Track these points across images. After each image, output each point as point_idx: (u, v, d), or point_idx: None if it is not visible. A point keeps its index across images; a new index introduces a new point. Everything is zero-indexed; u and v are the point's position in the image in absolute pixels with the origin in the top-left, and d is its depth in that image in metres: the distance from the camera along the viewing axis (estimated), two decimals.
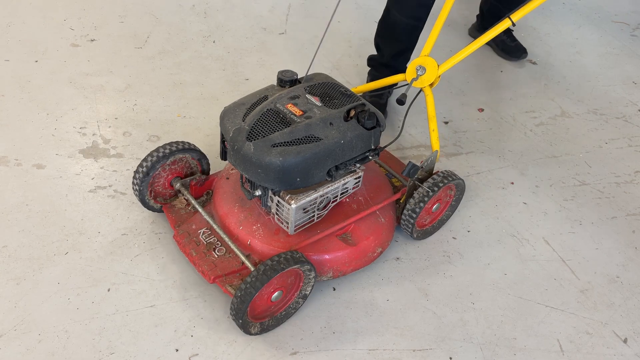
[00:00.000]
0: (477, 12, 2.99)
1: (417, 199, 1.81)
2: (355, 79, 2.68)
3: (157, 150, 1.79)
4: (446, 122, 2.51)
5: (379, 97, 2.40)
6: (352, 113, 1.63)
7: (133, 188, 1.83)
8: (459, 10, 3.22)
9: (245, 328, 1.59)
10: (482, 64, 2.90)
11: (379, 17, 2.40)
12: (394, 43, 2.33)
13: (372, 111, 1.63)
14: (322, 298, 1.77)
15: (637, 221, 2.14)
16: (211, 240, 1.75)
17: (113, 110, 2.37)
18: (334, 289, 1.80)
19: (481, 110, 2.61)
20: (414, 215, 1.82)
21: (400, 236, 1.98)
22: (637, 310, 1.84)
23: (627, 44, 3.17)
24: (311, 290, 1.68)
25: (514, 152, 2.40)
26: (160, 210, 1.90)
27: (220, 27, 2.93)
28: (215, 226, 1.74)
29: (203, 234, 1.77)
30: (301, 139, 1.53)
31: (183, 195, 1.86)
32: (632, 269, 1.97)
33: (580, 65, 2.97)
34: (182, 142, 1.83)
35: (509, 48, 2.91)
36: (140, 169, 1.78)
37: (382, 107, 2.41)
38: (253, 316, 1.61)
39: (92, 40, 2.74)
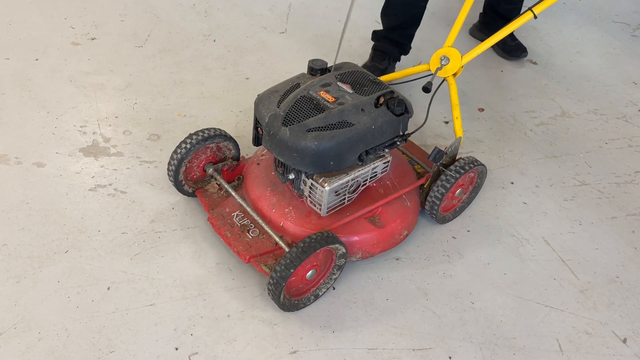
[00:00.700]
0: (479, 11, 3.00)
1: (442, 184, 1.87)
2: None
3: (190, 137, 1.85)
4: (446, 122, 2.51)
5: (379, 63, 2.54)
6: (382, 100, 1.69)
7: (168, 173, 1.89)
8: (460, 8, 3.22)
9: (284, 305, 1.66)
10: (483, 63, 2.89)
11: (379, 17, 2.43)
12: (390, 17, 2.51)
13: (400, 98, 1.69)
14: (322, 297, 1.77)
15: (637, 221, 2.14)
16: (245, 222, 1.82)
17: (113, 108, 2.37)
18: (334, 289, 1.80)
19: (481, 110, 2.61)
20: (439, 198, 1.88)
21: None
22: (636, 310, 1.84)
23: (627, 44, 3.17)
24: (344, 263, 1.73)
25: (514, 152, 2.40)
26: (193, 195, 1.96)
27: (220, 26, 2.93)
28: (248, 209, 1.81)
29: (237, 216, 1.83)
30: (335, 124, 1.59)
31: (216, 179, 1.93)
32: (631, 269, 1.97)
33: (581, 65, 2.97)
34: (215, 128, 1.90)
35: (509, 47, 2.91)
36: (175, 155, 1.84)
37: (382, 73, 2.50)
38: (289, 294, 1.67)
39: (93, 39, 2.74)
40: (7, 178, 2.03)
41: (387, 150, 1.74)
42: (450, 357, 1.66)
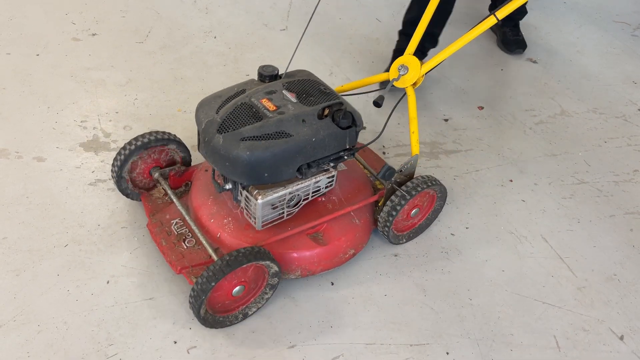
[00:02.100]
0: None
1: (394, 203, 1.78)
2: (356, 76, 2.68)
3: (136, 138, 1.79)
4: (446, 120, 2.52)
5: None
6: (327, 111, 1.61)
7: (111, 175, 1.83)
8: (458, 7, 3.22)
9: (205, 321, 1.59)
10: (483, 62, 2.90)
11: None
12: (409, 11, 2.52)
13: (348, 110, 1.60)
14: (321, 292, 1.78)
15: (635, 220, 2.15)
16: (182, 231, 1.75)
17: (114, 104, 2.37)
18: (332, 284, 1.81)
19: (481, 108, 2.61)
20: (390, 219, 1.79)
21: None
22: (633, 307, 1.85)
23: (627, 44, 3.18)
24: (278, 282, 1.67)
25: (513, 150, 2.40)
26: (138, 199, 1.90)
27: (221, 22, 2.94)
28: (187, 217, 1.73)
29: (175, 224, 1.77)
30: (271, 134, 1.51)
31: (161, 185, 1.86)
32: (629, 267, 1.98)
33: (581, 65, 2.98)
34: (163, 132, 1.83)
35: (508, 40, 2.93)
36: (119, 157, 1.78)
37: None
38: (213, 309, 1.60)
39: (94, 35, 2.74)
40: (7, 172, 2.03)
41: (332, 164, 1.66)
42: (447, 353, 1.67)
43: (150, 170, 1.86)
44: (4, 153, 2.10)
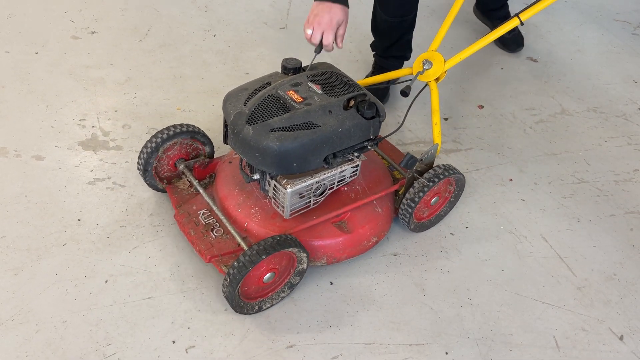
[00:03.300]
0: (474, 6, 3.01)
1: (416, 191, 1.83)
2: (356, 75, 2.67)
3: (162, 131, 1.83)
4: (446, 119, 2.51)
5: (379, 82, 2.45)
6: (352, 102, 1.65)
7: (138, 167, 1.87)
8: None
9: (238, 307, 1.63)
10: (483, 60, 2.89)
11: None
12: (384, 39, 2.40)
13: (372, 101, 1.65)
14: (320, 292, 1.78)
15: (635, 219, 2.15)
16: (210, 221, 1.78)
17: (113, 102, 2.37)
18: (332, 283, 1.81)
19: (481, 107, 2.61)
20: (412, 206, 1.83)
21: (398, 231, 1.98)
22: (633, 307, 1.84)
23: (628, 43, 3.17)
24: (298, 282, 1.71)
25: (513, 149, 2.40)
26: (163, 191, 1.93)
27: (221, 21, 2.93)
28: (214, 208, 1.77)
29: (203, 214, 1.80)
30: (299, 125, 1.55)
31: (186, 176, 1.90)
32: (629, 266, 1.97)
33: (581, 63, 2.97)
34: (188, 124, 1.87)
35: (505, 39, 2.92)
36: (145, 149, 1.82)
37: (384, 92, 2.44)
38: (245, 296, 1.64)
39: (93, 33, 2.74)
40: (6, 171, 2.03)
41: (356, 154, 1.70)
42: (447, 353, 1.67)
43: (175, 162, 1.90)
44: (3, 152, 2.10)
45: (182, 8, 2.98)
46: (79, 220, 1.89)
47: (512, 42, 2.93)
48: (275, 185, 1.67)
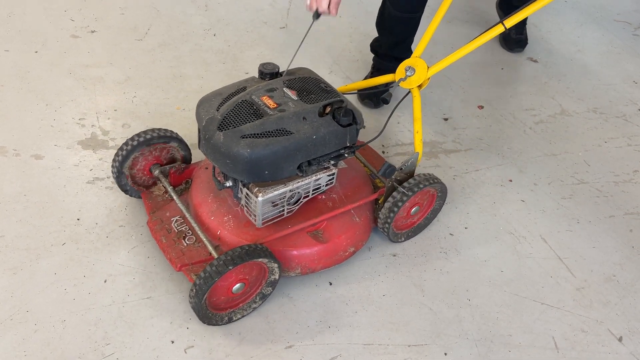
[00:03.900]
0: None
1: (395, 200, 1.78)
2: (356, 75, 2.67)
3: (138, 134, 1.79)
4: (446, 119, 2.51)
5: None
6: (328, 109, 1.61)
7: (112, 171, 1.83)
8: (458, 6, 3.22)
9: (205, 318, 1.60)
10: (483, 61, 2.89)
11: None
12: (391, 35, 2.37)
13: (349, 108, 1.60)
14: (318, 292, 1.77)
15: (635, 220, 2.15)
16: (182, 228, 1.75)
17: (112, 102, 2.36)
18: (331, 284, 1.80)
19: (481, 107, 2.60)
20: (391, 216, 1.79)
21: None
22: (632, 309, 1.84)
23: (628, 43, 3.17)
24: (270, 292, 1.68)
25: (513, 150, 2.40)
26: (138, 196, 1.90)
27: (221, 20, 2.93)
28: (187, 215, 1.73)
29: (176, 222, 1.77)
30: (271, 132, 1.51)
31: (161, 182, 1.86)
32: (628, 267, 1.97)
33: (581, 64, 2.97)
34: (164, 129, 1.83)
35: (510, 38, 2.93)
36: (120, 152, 1.78)
37: (381, 93, 2.41)
38: (214, 307, 1.61)
39: (93, 32, 2.73)
40: (5, 170, 2.03)
41: (332, 162, 1.66)
42: (445, 354, 1.66)
43: (150, 168, 1.86)
44: (2, 151, 2.10)
45: (182, 7, 2.98)
46: (78, 219, 1.89)
47: (515, 43, 2.93)
48: (247, 193, 1.63)
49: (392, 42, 2.38)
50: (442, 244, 1.97)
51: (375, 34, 2.47)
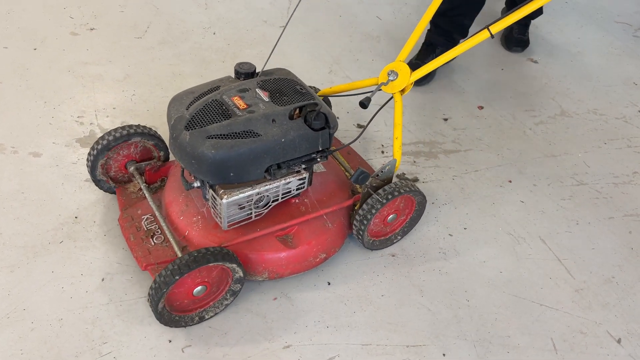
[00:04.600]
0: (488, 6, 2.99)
1: (369, 207, 1.75)
2: (356, 75, 2.67)
3: (114, 130, 1.78)
4: (445, 119, 2.50)
5: (422, 59, 2.43)
6: (299, 112, 1.58)
7: (86, 165, 1.82)
8: None
9: (171, 322, 1.58)
10: (483, 61, 2.89)
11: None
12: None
13: (322, 112, 1.57)
14: (317, 292, 1.77)
15: (634, 222, 2.14)
16: (152, 227, 1.74)
17: (111, 99, 2.36)
18: (329, 284, 1.80)
19: (481, 107, 2.60)
20: (365, 223, 1.76)
21: None
22: (631, 310, 1.84)
23: (629, 45, 3.16)
24: (240, 289, 1.65)
25: (512, 151, 2.39)
26: (113, 192, 1.89)
27: (220, 18, 2.92)
28: (157, 213, 1.72)
29: (146, 220, 1.75)
30: (238, 133, 1.49)
31: (135, 179, 1.85)
32: (627, 269, 1.97)
33: (581, 65, 2.96)
34: (142, 126, 1.82)
35: (511, 38, 2.93)
36: (96, 146, 1.77)
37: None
38: (171, 307, 1.58)
39: (92, 29, 2.72)
40: (2, 167, 2.02)
41: (303, 166, 1.62)
42: (444, 354, 1.66)
43: (126, 164, 1.84)
44: (0, 148, 2.09)
45: (182, 5, 2.97)
46: (75, 217, 1.89)
47: (515, 42, 2.92)
48: (213, 195, 1.60)
49: (447, 7, 2.25)
50: (441, 244, 1.97)
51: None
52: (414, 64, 2.47)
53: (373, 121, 1.89)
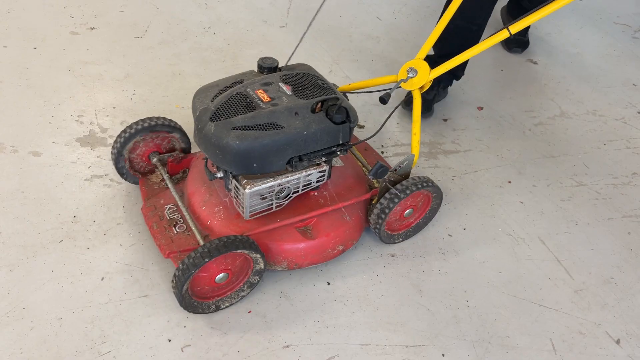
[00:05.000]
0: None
1: (387, 201, 1.77)
2: (356, 74, 2.67)
3: (143, 120, 1.82)
4: (445, 120, 2.51)
5: (426, 93, 2.37)
6: (321, 106, 1.62)
7: (111, 156, 1.86)
8: None
9: (190, 307, 1.62)
10: (483, 62, 2.89)
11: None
12: (444, 44, 2.27)
13: (343, 106, 1.60)
14: (316, 292, 1.77)
15: (633, 223, 2.14)
16: (174, 216, 1.77)
17: (111, 99, 2.36)
18: (329, 284, 1.80)
19: (480, 108, 2.60)
20: (382, 217, 1.79)
21: None
22: (630, 311, 1.84)
23: (628, 46, 3.17)
24: (258, 282, 1.69)
25: (512, 151, 2.39)
26: (136, 182, 1.93)
27: (220, 18, 2.92)
28: (180, 203, 1.76)
29: (169, 209, 1.79)
30: (262, 125, 1.52)
31: (158, 170, 1.89)
32: (626, 270, 1.97)
33: (581, 66, 2.97)
34: (165, 118, 1.86)
35: (510, 39, 2.90)
36: (123, 134, 1.81)
37: (430, 104, 2.41)
38: (199, 295, 1.62)
39: (92, 29, 2.72)
40: (2, 166, 2.02)
41: (324, 158, 1.66)
42: (443, 355, 1.66)
43: (149, 155, 1.89)
44: (0, 147, 2.09)
45: (182, 5, 2.97)
46: (75, 217, 1.88)
47: (515, 43, 2.93)
48: (235, 185, 1.64)
49: (447, 52, 2.22)
50: (441, 244, 1.97)
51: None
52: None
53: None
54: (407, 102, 1.82)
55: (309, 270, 1.81)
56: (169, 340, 1.60)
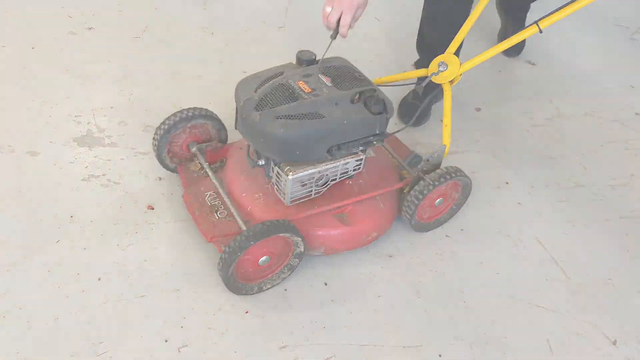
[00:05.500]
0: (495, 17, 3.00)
1: (420, 189, 1.84)
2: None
3: (180, 111, 1.89)
4: (442, 120, 2.50)
5: (420, 100, 2.38)
6: (360, 96, 1.67)
7: (152, 144, 1.92)
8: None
9: (235, 289, 1.69)
10: (481, 63, 2.88)
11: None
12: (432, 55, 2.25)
13: (380, 97, 1.67)
14: (313, 292, 1.77)
15: (631, 224, 2.15)
16: (215, 203, 1.83)
17: (109, 99, 2.35)
18: (326, 284, 1.80)
19: (478, 109, 2.61)
20: (416, 203, 1.85)
21: (394, 233, 1.98)
22: (627, 312, 1.84)
23: (626, 47, 3.17)
24: (297, 264, 1.75)
25: (509, 152, 2.40)
26: (175, 170, 1.99)
27: (219, 19, 2.92)
28: (221, 190, 1.82)
29: (209, 196, 1.85)
30: (305, 114, 1.59)
31: (198, 159, 1.95)
32: (623, 271, 1.97)
33: (579, 67, 2.97)
34: (205, 109, 1.93)
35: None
36: (162, 127, 1.88)
37: (426, 108, 2.42)
38: (243, 278, 1.69)
39: (90, 29, 2.72)
40: None
41: (361, 148, 1.73)
42: (440, 355, 1.66)
43: (188, 144, 1.96)
44: None
45: (180, 5, 2.97)
46: (72, 217, 1.88)
47: (512, 48, 2.92)
48: (278, 172, 1.70)
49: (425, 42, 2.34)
50: (438, 245, 1.97)
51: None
52: (409, 103, 2.43)
53: None
54: (416, 93, 1.93)
55: (306, 271, 1.81)
56: (166, 341, 1.60)
